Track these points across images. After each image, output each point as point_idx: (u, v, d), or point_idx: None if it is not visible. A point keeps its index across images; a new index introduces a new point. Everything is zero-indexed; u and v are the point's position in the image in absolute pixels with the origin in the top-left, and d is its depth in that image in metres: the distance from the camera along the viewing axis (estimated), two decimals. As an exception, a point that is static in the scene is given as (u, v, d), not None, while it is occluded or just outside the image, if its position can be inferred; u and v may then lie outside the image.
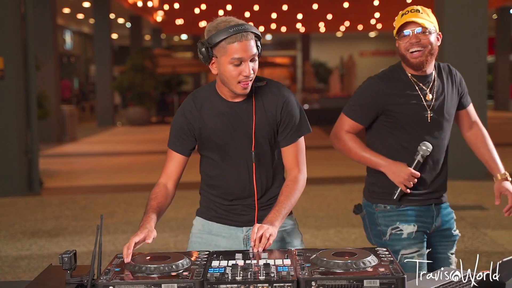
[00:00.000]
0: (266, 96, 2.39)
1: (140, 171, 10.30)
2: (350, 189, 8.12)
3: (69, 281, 1.92)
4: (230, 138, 2.39)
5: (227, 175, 2.44)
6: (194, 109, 2.41)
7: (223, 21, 2.26)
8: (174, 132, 2.46)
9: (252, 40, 2.25)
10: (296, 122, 2.41)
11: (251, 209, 2.45)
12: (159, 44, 27.80)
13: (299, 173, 2.42)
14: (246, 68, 2.25)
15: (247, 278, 1.85)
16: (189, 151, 2.47)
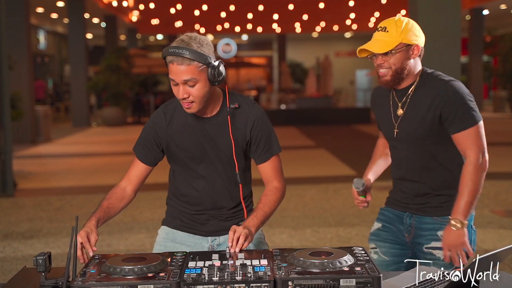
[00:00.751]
0: (238, 116, 2.40)
1: (116, 172, 10.23)
2: (326, 188, 8.16)
3: (44, 284, 1.90)
4: (198, 153, 2.42)
5: (195, 187, 2.47)
6: (164, 121, 2.43)
7: (179, 39, 2.27)
8: (142, 140, 2.49)
9: (187, 65, 2.22)
10: (267, 140, 2.42)
11: (216, 219, 2.47)
12: (134, 44, 27.65)
13: (278, 184, 2.45)
14: (179, 90, 2.27)
15: (224, 279, 1.85)
16: (153, 162, 2.49)
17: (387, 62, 2.54)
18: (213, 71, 2.26)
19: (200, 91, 2.27)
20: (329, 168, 10.27)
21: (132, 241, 5.75)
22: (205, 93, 2.29)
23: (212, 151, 2.40)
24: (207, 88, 2.29)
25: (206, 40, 2.30)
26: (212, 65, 2.26)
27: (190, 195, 2.48)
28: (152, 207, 7.27)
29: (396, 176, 2.76)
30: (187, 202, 2.50)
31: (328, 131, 17.05)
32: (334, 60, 29.05)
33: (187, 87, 2.26)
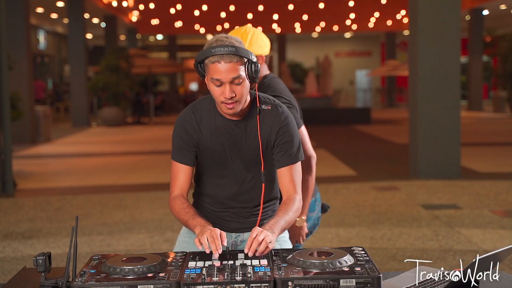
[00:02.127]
0: (267, 117, 2.39)
1: (116, 172, 10.23)
2: (326, 189, 8.16)
3: (44, 284, 1.90)
4: (225, 155, 2.41)
5: (220, 187, 2.46)
6: (194, 120, 2.41)
7: (215, 39, 2.26)
8: (176, 144, 2.45)
9: (234, 63, 2.21)
10: (291, 145, 2.39)
11: (240, 217, 2.47)
12: (134, 44, 27.65)
13: (295, 194, 2.40)
14: (225, 90, 2.24)
15: (223, 279, 1.85)
16: (193, 160, 2.45)
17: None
18: (254, 67, 2.27)
19: (245, 89, 2.28)
20: (329, 168, 10.27)
21: (132, 241, 5.75)
22: (247, 90, 2.30)
23: (239, 153, 2.40)
24: (248, 86, 2.30)
25: (240, 39, 2.30)
26: (253, 61, 2.26)
27: (215, 194, 2.48)
28: (152, 207, 7.27)
29: None
30: (211, 200, 2.50)
31: (328, 131, 17.05)
32: (334, 60, 29.05)
33: (233, 86, 2.24)
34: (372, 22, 27.10)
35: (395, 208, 6.95)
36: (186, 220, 2.32)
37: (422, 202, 7.18)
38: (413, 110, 9.14)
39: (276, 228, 2.20)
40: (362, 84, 35.49)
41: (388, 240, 5.62)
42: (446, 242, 5.50)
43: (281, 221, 2.25)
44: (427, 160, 8.88)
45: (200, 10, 22.38)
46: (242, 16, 23.86)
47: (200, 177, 2.52)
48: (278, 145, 2.39)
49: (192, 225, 2.27)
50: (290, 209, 2.33)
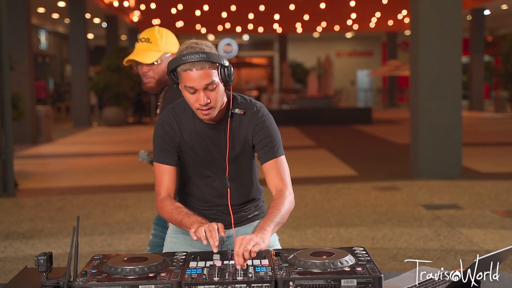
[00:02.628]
0: (244, 117, 2.39)
1: (117, 172, 10.24)
2: (327, 189, 8.16)
3: (45, 284, 1.90)
4: (207, 157, 2.42)
5: (203, 187, 2.48)
6: (174, 121, 2.41)
7: (186, 46, 2.24)
8: (157, 146, 2.44)
9: (206, 69, 2.20)
10: (271, 141, 2.39)
11: (226, 214, 2.48)
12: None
13: (285, 188, 2.38)
14: (199, 97, 2.23)
15: (225, 279, 1.85)
16: (176, 161, 2.44)
17: (152, 71, 2.84)
18: (227, 71, 2.25)
19: (219, 94, 2.26)
20: (330, 168, 10.27)
21: (133, 241, 5.75)
22: (222, 95, 2.28)
23: (219, 154, 2.41)
24: (222, 90, 2.29)
25: (210, 43, 2.29)
26: (226, 65, 2.25)
27: (199, 193, 2.49)
28: (153, 207, 7.26)
29: None
30: (195, 199, 2.51)
31: (329, 131, 17.05)
32: (335, 60, 29.05)
33: (207, 92, 2.23)
34: (373, 22, 27.08)
35: (396, 208, 6.94)
36: (180, 219, 2.28)
37: (423, 202, 7.18)
38: (414, 110, 9.14)
39: (268, 225, 2.17)
40: (363, 84, 35.47)
41: (389, 240, 5.62)
42: (447, 242, 5.50)
43: (274, 218, 2.22)
44: (428, 160, 8.87)
45: (201, 10, 22.38)
46: (243, 16, 23.87)
47: (183, 177, 2.52)
48: (258, 142, 2.39)
49: (188, 223, 2.22)
50: (282, 203, 2.31)
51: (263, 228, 2.14)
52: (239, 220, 2.52)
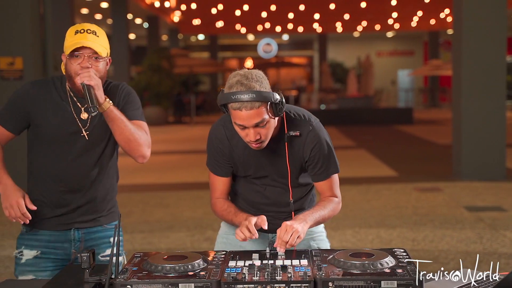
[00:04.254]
0: (296, 140, 2.38)
1: (157, 171, 10.34)
2: (367, 189, 8.09)
3: (88, 280, 1.93)
4: (258, 172, 2.43)
5: (255, 194, 2.50)
6: (225, 137, 2.42)
7: (236, 81, 2.17)
8: (211, 156, 2.48)
9: (256, 108, 2.16)
10: (325, 161, 2.40)
11: (277, 219, 2.48)
12: (176, 44, 27.89)
13: (335, 198, 2.45)
14: (250, 133, 2.22)
15: (264, 278, 1.85)
16: (229, 173, 2.48)
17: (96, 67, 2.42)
18: (279, 106, 2.21)
19: (270, 129, 2.25)
20: (370, 169, 10.18)
21: (172, 240, 5.80)
22: (272, 128, 2.27)
23: (271, 168, 2.42)
24: (273, 123, 2.26)
25: (261, 73, 2.24)
26: (276, 101, 2.20)
27: (251, 199, 2.51)
28: (192, 206, 7.32)
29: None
30: (247, 204, 2.53)
31: (369, 131, 16.90)
32: (375, 59, 28.78)
33: (257, 129, 2.21)
34: (415, 21, 26.73)
35: (438, 210, 6.84)
36: (231, 220, 2.38)
37: (466, 204, 7.05)
38: (456, 110, 8.99)
39: (309, 218, 2.25)
40: (404, 84, 35.04)
41: (430, 242, 5.54)
42: (490, 245, 5.39)
43: (315, 214, 2.30)
44: (471, 161, 8.71)
45: (241, 10, 22.43)
46: (283, 15, 23.83)
47: (236, 181, 2.54)
48: (313, 164, 2.40)
49: (236, 221, 2.33)
50: (328, 206, 2.37)
51: (305, 220, 2.21)
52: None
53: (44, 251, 2.52)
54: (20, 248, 2.54)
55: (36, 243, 2.52)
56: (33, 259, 2.51)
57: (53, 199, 2.51)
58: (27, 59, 8.08)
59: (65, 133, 2.47)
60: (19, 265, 2.54)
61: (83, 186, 2.52)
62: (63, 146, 2.48)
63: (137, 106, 2.58)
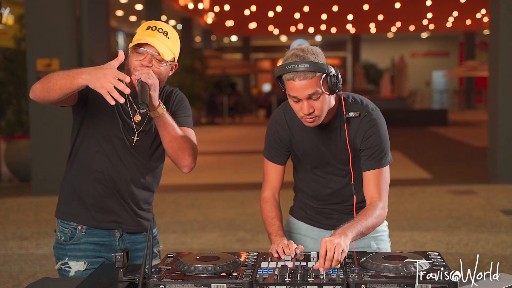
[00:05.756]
0: (353, 123, 2.35)
1: (190, 171, 10.39)
2: (401, 192, 8.01)
3: (122, 279, 1.95)
4: (317, 156, 2.41)
5: (315, 186, 2.47)
6: (285, 122, 2.41)
7: (291, 54, 2.18)
8: (268, 142, 2.47)
9: (310, 79, 2.15)
10: (377, 149, 2.34)
11: (339, 213, 2.47)
12: (209, 45, 28.05)
13: (379, 201, 2.32)
14: (303, 106, 2.20)
15: (296, 280, 1.84)
16: (284, 160, 2.47)
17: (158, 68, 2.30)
18: (334, 79, 2.21)
19: (324, 103, 2.22)
20: (404, 171, 10.08)
21: (205, 240, 5.83)
22: (328, 103, 2.24)
23: (330, 154, 2.39)
24: (329, 98, 2.24)
25: (318, 49, 2.23)
26: (331, 74, 2.20)
27: (313, 191, 2.49)
28: (225, 206, 7.35)
29: None
30: (310, 197, 2.51)
31: (402, 133, 16.74)
32: (409, 60, 28.50)
33: (311, 101, 2.19)
34: (450, 22, 26.40)
35: (473, 213, 6.74)
36: (270, 233, 2.33)
37: (502, 207, 6.93)
38: (492, 111, 8.84)
39: (350, 231, 2.10)
40: (438, 85, 34.63)
41: (465, 245, 5.47)
42: (527, 249, 5.29)
43: (357, 225, 2.16)
44: (507, 163, 8.56)
45: (274, 11, 22.44)
46: (316, 17, 23.77)
47: (298, 175, 2.53)
48: (365, 149, 2.35)
49: (272, 242, 2.26)
50: (370, 214, 2.24)
51: (344, 234, 2.07)
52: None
53: (91, 261, 2.40)
54: (64, 259, 2.41)
55: (81, 253, 2.39)
56: (85, 271, 2.38)
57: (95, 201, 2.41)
58: (64, 60, 8.20)
59: (114, 133, 2.37)
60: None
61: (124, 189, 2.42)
62: (109, 146, 2.38)
63: (188, 113, 2.46)
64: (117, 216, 2.42)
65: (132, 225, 2.45)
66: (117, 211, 2.42)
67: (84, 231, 2.41)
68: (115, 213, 2.42)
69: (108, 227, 2.42)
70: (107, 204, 2.41)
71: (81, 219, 2.41)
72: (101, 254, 2.42)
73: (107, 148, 2.38)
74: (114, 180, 2.39)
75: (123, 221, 2.43)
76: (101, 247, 2.41)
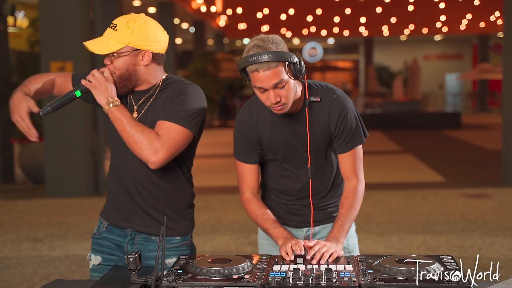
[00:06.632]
0: (321, 108, 2.37)
1: (201, 174, 10.41)
2: (413, 195, 7.97)
3: (134, 281, 1.96)
4: (285, 150, 2.42)
5: (285, 179, 2.48)
6: (251, 119, 2.42)
7: (252, 45, 2.20)
8: (238, 143, 2.47)
9: (274, 68, 2.16)
10: (351, 131, 2.38)
11: (308, 209, 2.47)
12: (221, 48, 28.09)
13: (357, 183, 2.40)
14: (270, 96, 2.21)
15: (308, 283, 1.84)
16: (257, 159, 2.47)
17: (111, 64, 2.34)
18: (297, 66, 2.21)
19: (290, 91, 2.24)
20: (416, 174, 10.03)
21: (217, 243, 5.83)
22: (293, 90, 2.26)
23: (300, 144, 2.40)
24: (294, 85, 2.26)
25: (278, 37, 2.24)
26: (294, 61, 2.21)
27: (282, 187, 2.49)
28: (237, 209, 7.35)
29: None
30: (279, 193, 2.51)
31: (415, 136, 16.67)
32: (422, 63, 28.37)
33: (277, 90, 2.21)
34: (464, 24, 26.26)
35: (487, 217, 6.69)
36: (266, 228, 2.35)
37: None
38: (507, 114, 8.79)
39: (342, 235, 2.25)
40: (452, 88, 34.45)
41: (479, 249, 5.43)
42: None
43: (345, 225, 2.29)
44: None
45: (286, 14, 22.44)
46: (328, 19, 23.74)
47: (266, 171, 2.53)
48: (339, 134, 2.38)
49: (274, 235, 2.30)
50: (353, 203, 2.36)
51: (337, 239, 2.21)
52: (323, 217, 2.51)
53: (105, 257, 2.45)
54: (90, 251, 2.51)
55: (99, 248, 2.46)
56: (99, 265, 2.45)
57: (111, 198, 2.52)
58: (77, 63, 8.25)
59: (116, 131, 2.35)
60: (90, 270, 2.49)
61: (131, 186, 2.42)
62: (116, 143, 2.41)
63: (175, 107, 2.31)
64: (126, 214, 2.44)
65: (141, 225, 2.43)
66: (127, 209, 2.44)
67: (106, 227, 2.49)
68: (125, 211, 2.45)
69: (119, 225, 2.46)
70: (119, 201, 2.46)
71: (105, 215, 2.53)
72: (115, 253, 2.45)
73: (114, 145, 2.44)
74: (122, 177, 2.43)
75: (131, 219, 2.44)
76: (115, 246, 2.45)
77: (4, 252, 5.67)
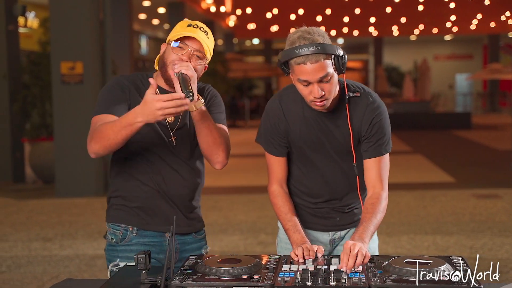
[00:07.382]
0: (357, 107, 2.31)
1: (210, 174, 10.39)
2: (423, 195, 7.95)
3: (144, 281, 1.96)
4: (314, 147, 2.35)
5: (311, 180, 2.42)
6: (281, 112, 2.36)
7: (297, 36, 2.14)
8: (266, 136, 2.41)
9: (321, 62, 2.11)
10: (381, 137, 2.31)
11: (337, 212, 2.44)
12: (231, 48, 28.11)
13: (382, 191, 2.32)
14: (314, 90, 2.16)
15: (317, 284, 1.84)
16: (285, 152, 2.40)
17: (194, 65, 2.30)
18: (342, 60, 2.16)
19: (334, 85, 2.19)
20: (426, 174, 10.00)
21: (226, 243, 5.84)
22: (336, 85, 2.21)
23: (329, 143, 2.34)
24: (337, 80, 2.21)
25: (322, 30, 2.19)
26: (340, 54, 2.16)
27: (308, 190, 2.43)
28: (246, 209, 7.35)
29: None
30: (304, 195, 2.45)
31: (425, 136, 16.61)
32: (432, 63, 28.26)
33: (322, 84, 2.16)
34: (474, 24, 26.16)
35: (497, 217, 6.66)
36: (287, 229, 2.30)
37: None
38: (517, 115, 8.74)
39: (366, 236, 2.16)
40: (462, 88, 34.31)
41: (489, 250, 5.40)
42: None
43: (370, 227, 2.20)
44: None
45: (296, 14, 22.42)
46: (338, 19, 23.71)
47: (292, 168, 2.45)
48: (369, 137, 2.32)
49: (292, 239, 2.25)
50: (378, 210, 2.27)
51: (363, 240, 2.13)
52: (349, 221, 2.45)
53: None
54: (115, 261, 2.38)
55: (132, 254, 2.35)
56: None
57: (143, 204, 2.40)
58: (87, 64, 8.28)
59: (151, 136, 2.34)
60: None
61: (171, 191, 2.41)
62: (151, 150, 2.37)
63: (221, 110, 2.43)
64: (167, 218, 2.39)
65: (182, 226, 2.45)
66: (167, 213, 2.40)
67: (135, 232, 2.39)
68: (165, 215, 2.40)
69: (159, 230, 2.40)
70: (157, 206, 2.39)
71: (132, 221, 2.39)
72: (152, 254, 2.38)
73: (148, 153, 2.36)
74: (159, 183, 2.37)
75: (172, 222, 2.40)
76: (151, 247, 2.39)
77: (14, 251, 5.70)
